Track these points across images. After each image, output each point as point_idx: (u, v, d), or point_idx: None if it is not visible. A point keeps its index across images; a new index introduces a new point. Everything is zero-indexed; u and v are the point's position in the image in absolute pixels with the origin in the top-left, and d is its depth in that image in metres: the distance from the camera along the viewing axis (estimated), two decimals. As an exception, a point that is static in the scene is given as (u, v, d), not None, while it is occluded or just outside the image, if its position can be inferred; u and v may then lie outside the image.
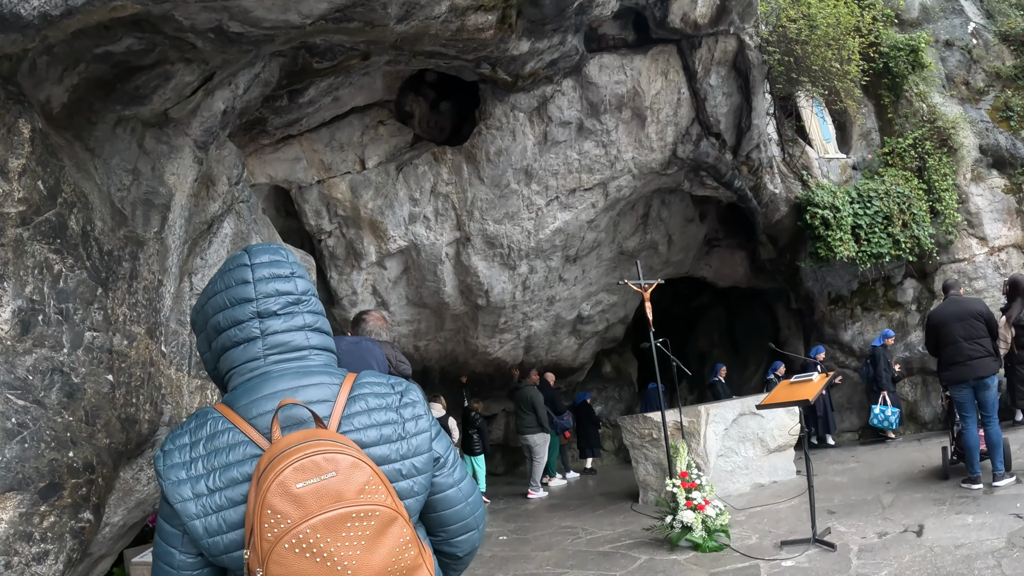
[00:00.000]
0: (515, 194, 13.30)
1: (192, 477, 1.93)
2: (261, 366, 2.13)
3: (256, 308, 2.16)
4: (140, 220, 6.18)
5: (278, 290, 2.20)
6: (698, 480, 9.74)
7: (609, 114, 13.12)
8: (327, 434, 1.90)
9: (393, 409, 2.12)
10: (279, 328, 2.16)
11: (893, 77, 16.69)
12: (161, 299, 6.30)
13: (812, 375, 9.50)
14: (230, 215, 7.69)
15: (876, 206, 15.38)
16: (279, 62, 8.09)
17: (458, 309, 14.76)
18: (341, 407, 2.04)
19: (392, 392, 2.17)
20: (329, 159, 12.06)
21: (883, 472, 12.21)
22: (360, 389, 2.12)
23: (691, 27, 12.63)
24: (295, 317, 2.20)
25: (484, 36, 9.61)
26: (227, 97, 7.47)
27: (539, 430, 15.33)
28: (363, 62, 9.12)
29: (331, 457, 1.81)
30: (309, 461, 1.78)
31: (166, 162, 6.69)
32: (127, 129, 6.32)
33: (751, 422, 12.53)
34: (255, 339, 2.15)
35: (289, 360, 2.15)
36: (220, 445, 1.96)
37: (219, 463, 1.94)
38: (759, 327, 19.90)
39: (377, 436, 2.05)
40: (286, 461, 1.78)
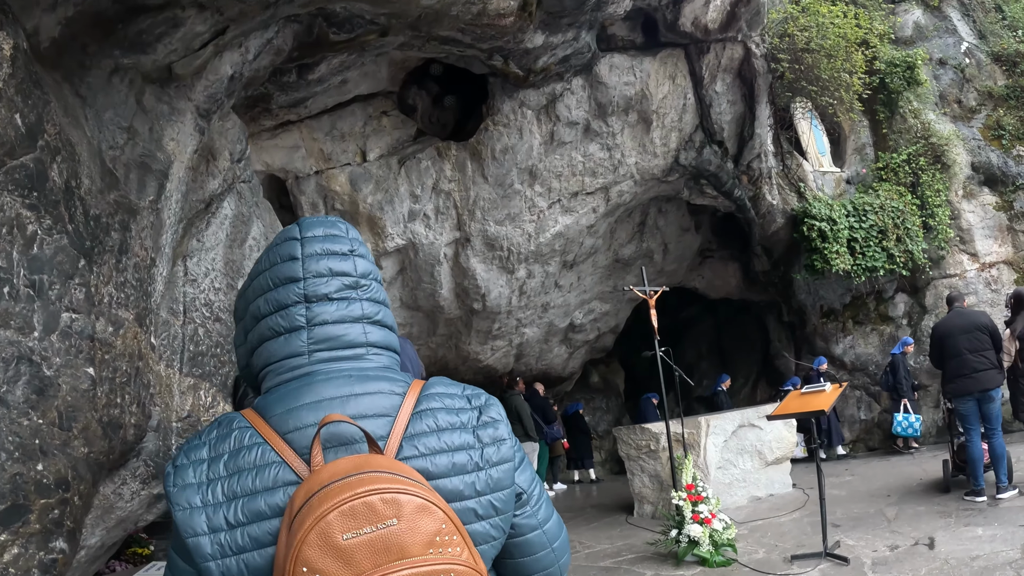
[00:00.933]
0: (518, 195, 12.33)
1: (209, 504, 1.41)
2: (305, 364, 1.58)
3: (303, 290, 1.62)
4: (134, 185, 4.95)
5: (331, 269, 1.65)
6: (704, 493, 9.13)
7: (616, 116, 12.28)
8: (385, 462, 1.37)
9: (469, 430, 1.56)
10: (330, 317, 1.61)
11: (889, 93, 16.16)
12: (153, 282, 5.05)
13: (824, 385, 8.99)
14: (231, 194, 6.52)
15: (871, 220, 14.77)
16: (294, 30, 6.97)
17: (452, 313, 13.70)
18: (403, 425, 1.51)
19: (469, 407, 1.60)
20: (329, 149, 10.94)
21: (881, 485, 11.69)
22: (429, 402, 1.56)
23: (701, 31, 11.96)
24: (352, 304, 1.64)
25: (504, 23, 8.79)
26: (236, 61, 6.32)
27: (526, 439, 14.54)
28: (380, 39, 8.03)
29: (392, 498, 1.27)
30: (361, 503, 1.25)
31: (165, 125, 5.50)
32: (125, 81, 5.12)
33: (750, 434, 11.90)
34: (299, 329, 1.60)
35: (341, 359, 1.60)
36: (245, 465, 1.43)
37: (243, 489, 1.41)
38: (748, 340, 19.20)
39: (448, 465, 1.50)
40: (331, 501, 1.24)
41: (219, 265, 6.21)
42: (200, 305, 5.86)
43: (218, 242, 6.26)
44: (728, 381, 17.52)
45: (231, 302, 6.30)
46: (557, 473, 17.28)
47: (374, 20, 7.37)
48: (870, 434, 15.92)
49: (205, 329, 5.82)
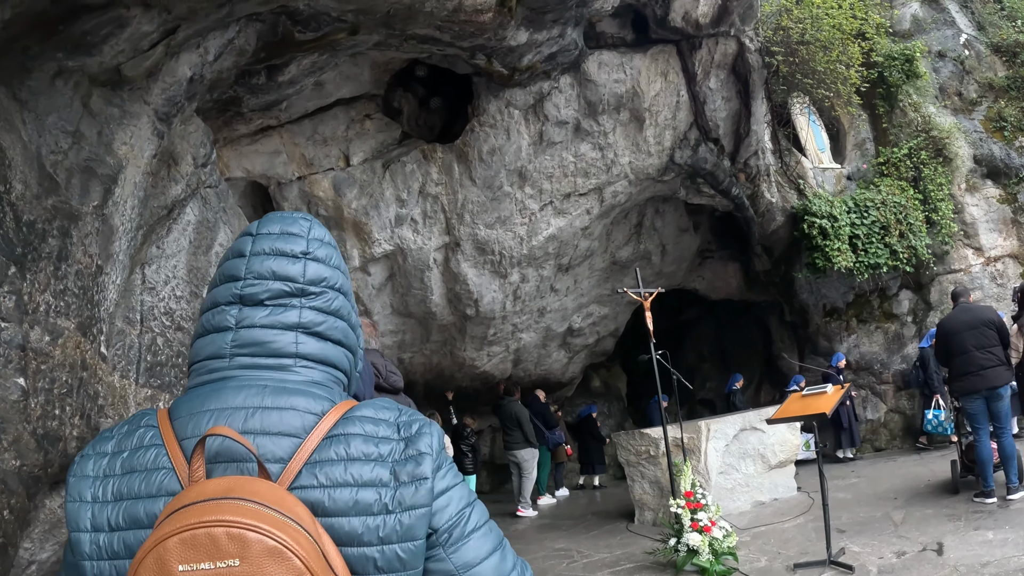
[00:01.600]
0: (508, 197, 12.13)
1: (97, 501, 1.31)
2: (224, 368, 1.46)
3: (240, 291, 1.51)
4: (76, 190, 4.78)
5: (274, 272, 1.52)
6: (703, 500, 8.95)
7: (607, 115, 12.07)
8: (264, 490, 1.19)
9: (388, 464, 1.35)
10: (259, 322, 1.48)
11: (888, 87, 16.00)
12: (102, 290, 4.89)
13: (826, 387, 8.66)
14: (194, 200, 6.36)
15: (873, 216, 14.59)
16: (256, 29, 6.79)
17: (446, 319, 13.51)
18: (310, 449, 1.33)
19: (395, 437, 1.39)
20: (311, 154, 10.77)
21: (888, 487, 11.45)
22: (347, 426, 1.38)
23: (692, 26, 11.69)
24: (288, 311, 1.50)
25: (482, 19, 8.58)
26: (195, 62, 6.14)
27: (526, 445, 14.21)
28: (351, 38, 7.86)
29: (239, 534, 1.09)
30: (205, 534, 1.09)
31: (116, 128, 5.34)
32: (69, 83, 4.96)
33: (752, 438, 11.67)
34: (226, 330, 1.48)
35: (262, 368, 1.45)
36: (139, 466, 1.32)
37: (129, 492, 1.30)
38: (750, 341, 18.97)
39: (350, 502, 1.30)
40: (177, 524, 1.10)
41: (181, 272, 6.06)
42: (159, 314, 5.71)
43: (180, 249, 6.10)
44: (741, 381, 17.21)
45: (195, 310, 6.14)
46: (560, 479, 17.06)
47: (341, 17, 7.18)
48: (876, 434, 15.72)
49: (165, 338, 5.67)
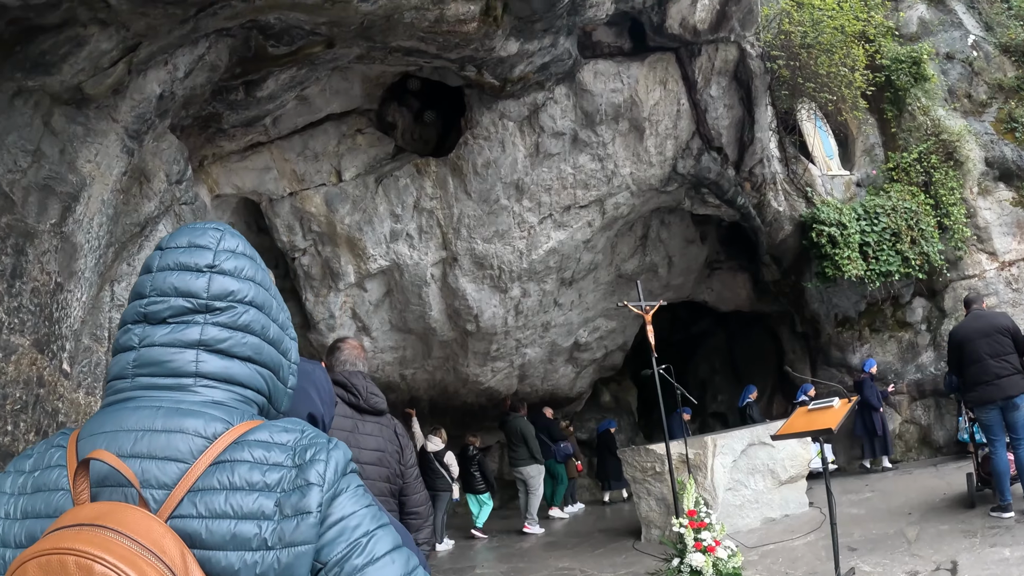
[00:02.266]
0: (505, 210, 12.09)
1: (8, 518, 1.34)
2: (127, 388, 1.44)
3: (144, 308, 1.49)
4: (33, 208, 4.80)
5: (176, 287, 1.48)
6: (707, 519, 8.74)
7: (605, 125, 12.02)
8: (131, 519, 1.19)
9: (273, 494, 1.30)
10: (159, 340, 1.46)
11: (895, 90, 15.80)
12: (64, 307, 4.89)
13: (832, 401, 8.33)
14: (167, 217, 6.37)
15: (883, 222, 14.39)
16: (228, 44, 6.81)
17: (446, 335, 13.48)
18: (195, 476, 1.30)
19: (289, 464, 1.34)
20: (302, 169, 10.79)
21: (902, 502, 11.15)
22: (237, 451, 1.34)
23: (690, 33, 11.67)
24: (189, 328, 1.47)
25: (466, 29, 8.59)
26: (164, 79, 6.17)
27: (532, 462, 14.21)
28: (328, 51, 7.88)
29: (86, 564, 1.09)
30: (57, 560, 1.11)
31: (80, 146, 5.36)
32: (29, 103, 4.99)
33: (761, 452, 11.45)
34: (130, 349, 1.47)
35: (160, 388, 1.43)
36: (44, 486, 1.34)
37: (33, 510, 1.32)
38: (761, 352, 18.76)
39: (227, 535, 1.26)
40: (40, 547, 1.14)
41: (152, 290, 6.06)
42: (127, 331, 5.73)
43: (151, 266, 6.11)
44: (755, 392, 16.85)
45: (166, 328, 6.14)
46: (573, 494, 16.92)
47: (314, 31, 7.19)
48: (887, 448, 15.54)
49: (132, 356, 5.69)
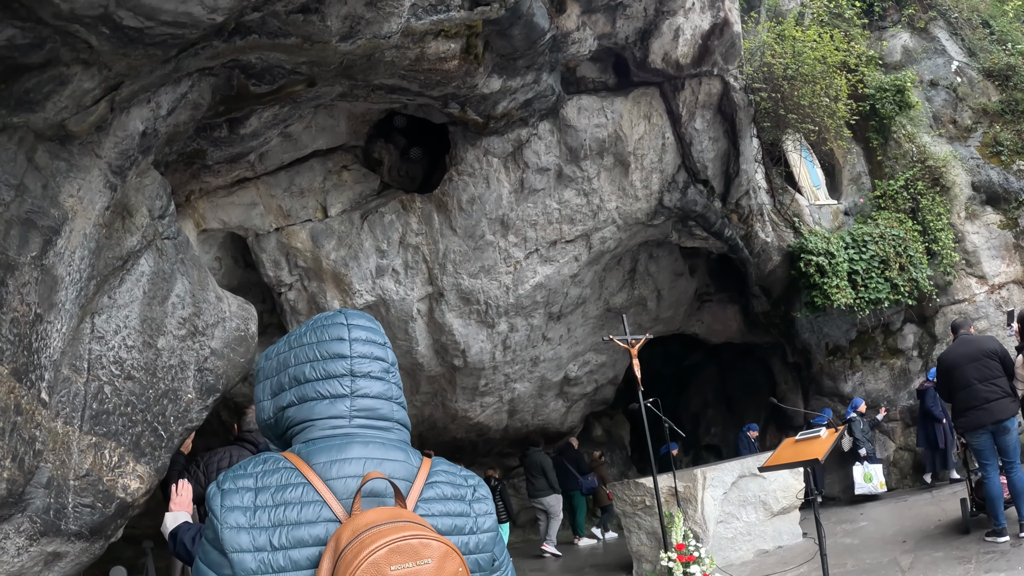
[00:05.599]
0: (491, 246, 12.23)
1: (254, 527, 1.73)
2: (345, 426, 1.94)
3: (350, 366, 1.99)
4: (14, 241, 5.00)
5: (374, 354, 2.04)
6: (696, 552, 9.02)
7: (590, 160, 12.18)
8: (413, 516, 1.78)
9: (466, 501, 1.97)
10: (372, 392, 2.00)
11: (880, 119, 16.10)
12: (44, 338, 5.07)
13: (820, 431, 8.42)
14: (149, 251, 6.56)
15: (872, 250, 14.62)
16: (211, 83, 7.01)
17: (434, 371, 13.57)
18: (419, 490, 1.90)
19: (466, 484, 2.02)
20: (288, 205, 10.95)
21: (896, 530, 11.28)
22: (437, 476, 1.97)
23: (673, 67, 11.85)
24: (389, 386, 2.04)
25: (447, 67, 8.77)
26: (147, 117, 6.38)
27: (551, 492, 15.29)
28: (310, 89, 8.06)
29: (427, 543, 1.67)
30: (407, 544, 1.64)
31: (63, 182, 5.56)
32: (13, 139, 5.20)
33: (752, 484, 11.54)
34: (343, 396, 1.96)
35: (375, 428, 1.97)
36: (291, 499, 1.77)
37: (287, 519, 1.74)
38: (754, 384, 18.75)
39: (451, 526, 1.91)
40: (382, 540, 1.63)
41: (134, 322, 6.24)
42: (108, 363, 5.88)
43: (134, 299, 6.28)
44: (756, 431, 16.83)
45: (147, 360, 6.31)
46: (607, 522, 16.99)
47: (295, 70, 7.37)
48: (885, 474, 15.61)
49: (113, 387, 5.84)
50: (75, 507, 5.69)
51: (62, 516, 5.52)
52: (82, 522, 5.81)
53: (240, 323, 7.55)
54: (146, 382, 6.29)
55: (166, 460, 6.51)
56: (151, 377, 6.37)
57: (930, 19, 17.56)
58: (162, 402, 6.46)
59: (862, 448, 14.51)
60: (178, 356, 6.68)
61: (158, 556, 8.30)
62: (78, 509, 5.73)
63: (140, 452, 6.11)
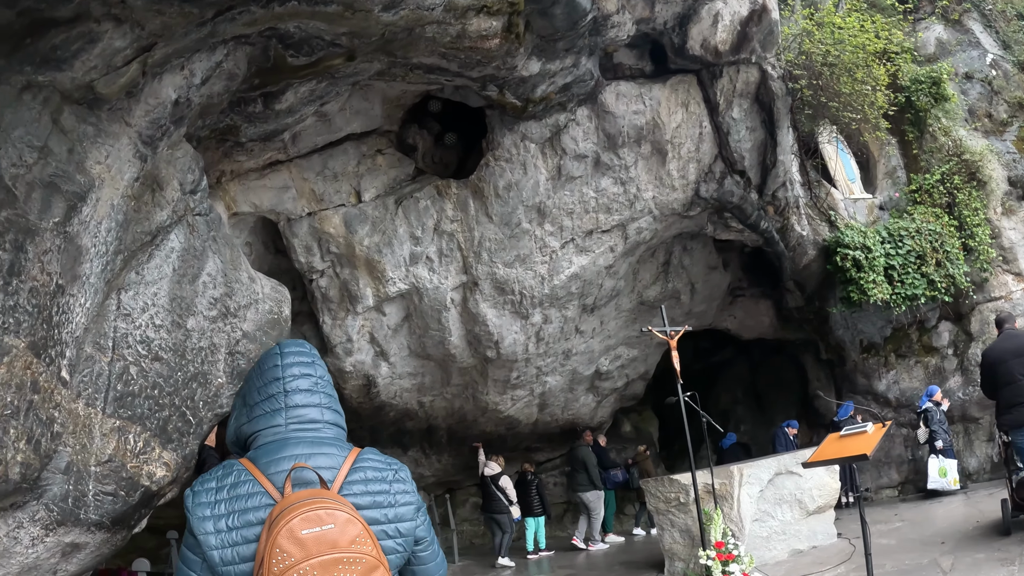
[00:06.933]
0: (527, 234, 11.74)
1: (215, 515, 2.16)
2: (282, 432, 2.35)
3: (283, 385, 2.41)
4: (36, 205, 4.50)
5: (303, 372, 2.45)
6: (735, 550, 8.61)
7: (627, 148, 11.67)
8: (329, 494, 2.17)
9: (387, 482, 2.36)
10: (301, 402, 2.40)
11: (916, 111, 15.47)
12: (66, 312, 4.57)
13: (866, 426, 7.85)
14: (180, 227, 6.06)
15: (908, 245, 14.01)
16: (246, 52, 6.53)
17: (466, 362, 13.07)
18: (343, 475, 2.29)
19: (388, 468, 2.41)
20: (321, 189, 10.48)
21: (933, 531, 10.75)
22: (362, 463, 2.36)
23: (711, 54, 11.38)
24: (313, 395, 2.43)
25: (488, 45, 8.32)
26: (180, 85, 5.88)
27: (591, 488, 14.99)
28: (348, 64, 7.59)
29: (331, 513, 2.08)
30: (313, 514, 2.05)
31: (90, 147, 5.06)
32: (38, 98, 4.71)
33: (788, 482, 10.98)
34: (280, 409, 2.38)
35: (306, 430, 2.37)
36: (241, 493, 2.20)
37: (239, 507, 2.17)
38: (785, 381, 18.25)
39: (370, 501, 2.29)
40: (295, 512, 2.05)
41: (162, 301, 5.75)
42: (134, 342, 5.38)
43: (162, 276, 5.80)
44: (795, 428, 15.98)
45: (176, 341, 5.84)
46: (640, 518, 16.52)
47: (335, 42, 6.90)
48: (920, 475, 14.96)
49: (139, 368, 5.33)
50: (96, 495, 5.22)
51: (82, 504, 5.06)
52: (103, 511, 5.33)
53: (273, 305, 7.05)
54: (174, 364, 5.80)
55: (194, 447, 6.02)
56: (180, 359, 5.88)
57: (964, 11, 16.96)
58: (191, 385, 5.96)
59: (939, 440, 13.64)
60: (208, 338, 6.18)
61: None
62: (99, 497, 5.26)
63: (167, 438, 5.62)
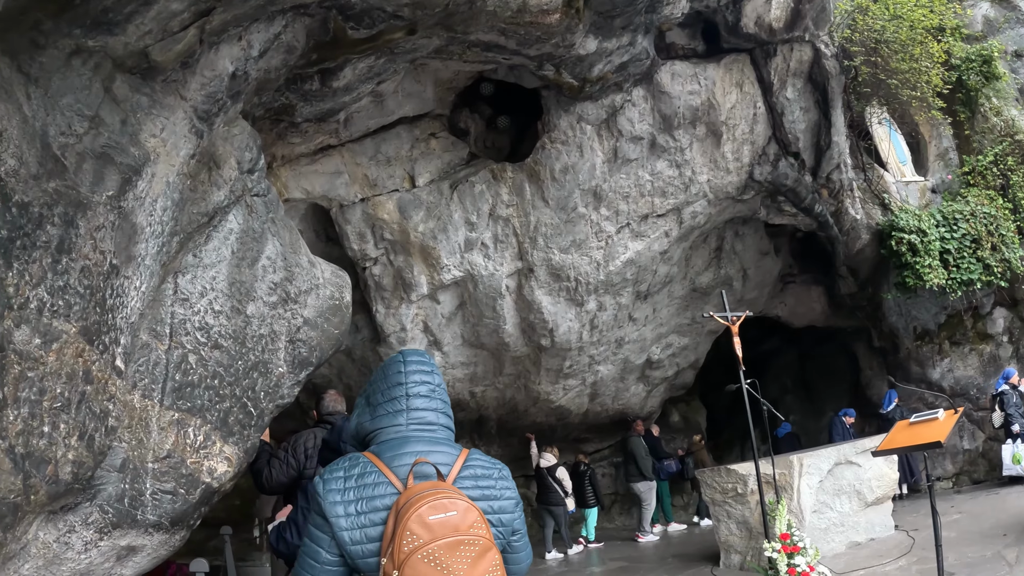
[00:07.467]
0: (583, 219, 11.21)
1: (344, 501, 2.40)
2: (403, 431, 2.60)
3: (406, 390, 2.65)
4: (87, 176, 4.02)
5: (423, 380, 2.69)
6: (801, 542, 8.14)
7: (683, 129, 11.14)
8: (447, 486, 2.41)
9: (492, 479, 2.59)
10: (420, 407, 2.64)
11: (967, 91, 14.82)
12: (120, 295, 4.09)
13: (937, 412, 7.36)
14: (238, 208, 5.57)
15: (963, 228, 13.42)
16: (305, 24, 6.06)
17: (519, 351, 12.56)
18: (456, 471, 2.53)
19: (493, 467, 2.64)
20: (374, 174, 10.01)
21: (992, 523, 10.27)
22: (471, 462, 2.60)
23: (765, 32, 10.90)
24: (431, 401, 2.67)
25: (548, 21, 7.92)
26: (237, 56, 5.41)
27: (641, 478, 14.79)
28: (408, 39, 7.11)
29: (453, 501, 2.32)
30: (439, 502, 2.30)
31: (144, 118, 4.58)
32: (88, 64, 4.23)
33: (847, 472, 10.51)
34: (401, 411, 2.63)
35: (424, 430, 2.62)
36: (368, 482, 2.43)
37: (366, 495, 2.41)
38: (834, 371, 17.61)
39: (479, 495, 2.51)
40: (424, 500, 2.28)
41: (221, 285, 5.27)
42: (193, 328, 4.90)
43: (221, 259, 5.32)
44: (852, 417, 15.41)
45: (236, 328, 5.36)
46: (702, 509, 15.68)
47: (397, 13, 6.42)
48: (975, 465, 14.42)
49: (198, 356, 4.85)
50: (154, 493, 4.76)
51: (138, 504, 4.60)
52: (162, 511, 4.86)
53: (334, 291, 6.55)
54: (235, 352, 5.33)
55: (255, 440, 5.54)
56: (240, 347, 5.39)
57: (1010, -13, 16.25)
58: (252, 375, 5.47)
59: (1015, 423, 12.96)
60: (268, 325, 5.69)
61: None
62: (157, 496, 4.79)
63: (228, 431, 5.13)
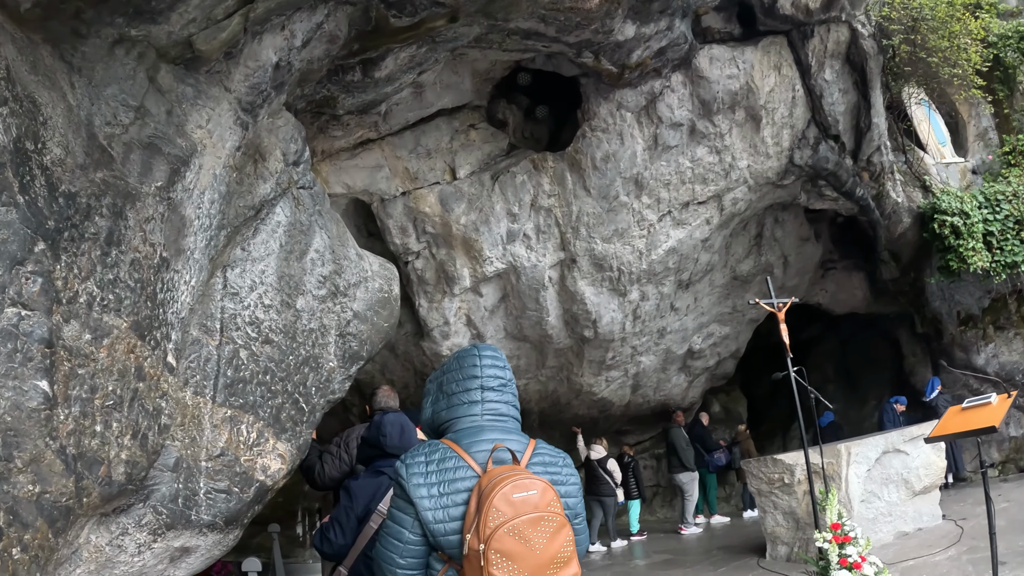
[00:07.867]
0: (624, 207, 10.93)
1: (427, 484, 2.61)
2: (479, 420, 2.84)
3: (481, 383, 2.89)
4: (135, 166, 3.83)
5: (496, 374, 2.93)
6: (852, 532, 7.80)
7: (722, 115, 10.85)
8: (523, 469, 2.65)
9: (558, 466, 2.86)
10: (494, 399, 2.89)
11: (1005, 69, 14.36)
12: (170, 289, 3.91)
13: (990, 397, 7.10)
14: (285, 200, 5.38)
15: (1006, 210, 13.02)
16: (347, 13, 5.87)
17: (562, 343, 12.30)
18: (527, 457, 2.76)
19: (558, 456, 2.91)
20: (415, 167, 9.82)
21: None
22: (540, 450, 2.86)
23: (802, 12, 10.64)
24: (503, 394, 2.93)
25: (588, 6, 7.77)
26: (280, 47, 5.21)
27: (682, 470, 14.52)
28: (450, 26, 6.91)
29: (532, 482, 2.56)
30: (520, 482, 2.52)
31: (190, 109, 4.39)
32: (132, 54, 4.04)
33: (895, 461, 10.17)
34: (477, 402, 2.86)
35: (497, 420, 2.87)
36: (448, 466, 2.64)
37: (448, 478, 2.62)
38: (876, 358, 17.19)
39: (548, 480, 2.68)
40: (507, 480, 2.50)
41: (270, 279, 5.07)
42: (243, 323, 4.71)
43: (269, 252, 5.13)
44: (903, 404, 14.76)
45: (287, 322, 5.17)
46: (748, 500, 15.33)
47: (439, 1, 6.24)
48: (1021, 453, 13.96)
49: (249, 352, 4.65)
50: (207, 493, 4.59)
51: (192, 504, 4.44)
52: (216, 510, 4.69)
53: (383, 283, 6.34)
54: (286, 347, 5.14)
55: (307, 437, 5.35)
56: (291, 341, 5.20)
57: (1045, -38, 15.70)
58: (303, 370, 5.28)
59: None
60: (318, 319, 5.50)
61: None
62: (211, 495, 4.63)
63: (280, 427, 4.94)
